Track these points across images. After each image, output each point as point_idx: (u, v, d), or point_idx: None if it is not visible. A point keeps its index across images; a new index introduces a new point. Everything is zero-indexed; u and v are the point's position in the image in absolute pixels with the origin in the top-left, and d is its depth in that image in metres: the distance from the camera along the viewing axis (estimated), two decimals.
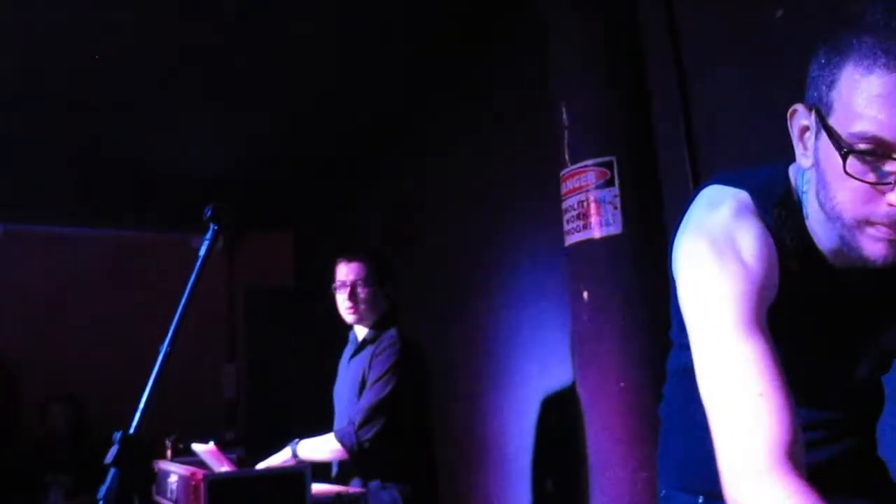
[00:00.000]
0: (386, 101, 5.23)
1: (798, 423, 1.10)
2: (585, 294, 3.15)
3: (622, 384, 2.95)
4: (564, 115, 3.32)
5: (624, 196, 3.08)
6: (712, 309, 1.19)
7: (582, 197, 3.16)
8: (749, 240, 1.23)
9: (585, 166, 3.18)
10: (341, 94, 5.08)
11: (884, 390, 1.52)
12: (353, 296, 3.45)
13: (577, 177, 3.20)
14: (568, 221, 3.24)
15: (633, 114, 3.27)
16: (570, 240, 3.23)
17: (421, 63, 4.77)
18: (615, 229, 3.07)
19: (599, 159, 3.15)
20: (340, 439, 3.18)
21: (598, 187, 3.13)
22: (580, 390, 3.19)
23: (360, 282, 3.46)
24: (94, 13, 3.90)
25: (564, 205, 3.26)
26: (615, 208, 3.08)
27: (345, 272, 3.49)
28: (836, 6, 2.38)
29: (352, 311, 3.46)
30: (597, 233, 3.11)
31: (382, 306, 3.51)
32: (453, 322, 4.91)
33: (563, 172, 3.29)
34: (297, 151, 5.99)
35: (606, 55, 3.31)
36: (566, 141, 3.30)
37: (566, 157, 3.28)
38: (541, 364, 4.06)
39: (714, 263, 1.21)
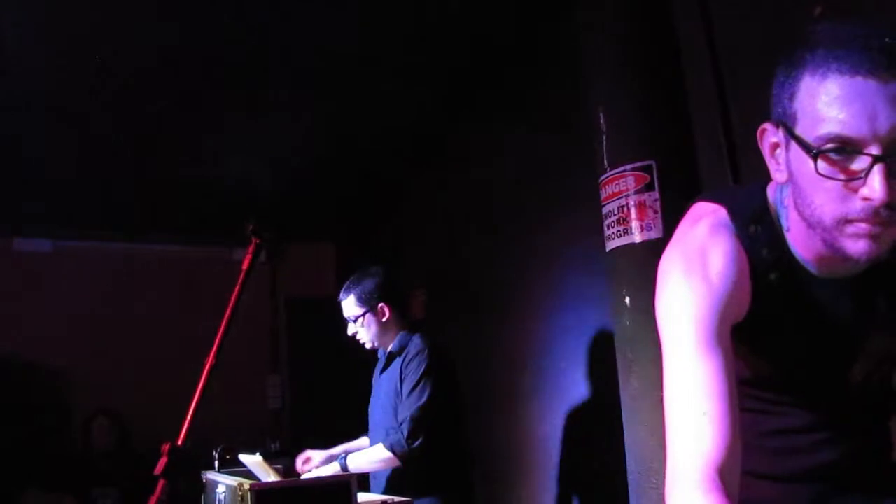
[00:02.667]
0: (426, 112, 5.23)
1: (737, 443, 1.17)
2: (627, 299, 3.13)
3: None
4: (602, 120, 3.30)
5: (664, 200, 3.06)
6: (673, 326, 1.28)
7: (622, 202, 3.14)
8: (719, 257, 1.30)
9: (624, 171, 3.16)
10: (382, 105, 5.10)
11: None
12: (356, 331, 3.56)
13: (616, 182, 3.18)
14: (608, 227, 3.22)
15: (672, 117, 3.24)
16: (611, 245, 3.21)
17: (459, 73, 4.77)
18: (656, 234, 3.05)
19: (638, 163, 3.13)
20: (391, 447, 3.21)
21: (637, 192, 3.11)
22: (623, 396, 3.17)
23: (352, 318, 3.55)
24: (141, 26, 3.95)
25: (604, 210, 3.25)
26: (655, 212, 3.06)
27: (344, 308, 3.58)
28: (874, 4, 2.36)
29: (363, 343, 3.58)
30: (637, 237, 3.10)
31: (393, 324, 3.54)
32: (495, 329, 4.90)
33: (602, 177, 3.28)
34: (339, 163, 6.02)
35: (643, 58, 3.29)
36: (605, 146, 3.28)
37: (605, 162, 3.27)
38: (583, 370, 4.05)
39: (680, 281, 1.29)
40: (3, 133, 4.84)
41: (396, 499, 3.02)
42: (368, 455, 3.31)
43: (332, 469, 3.29)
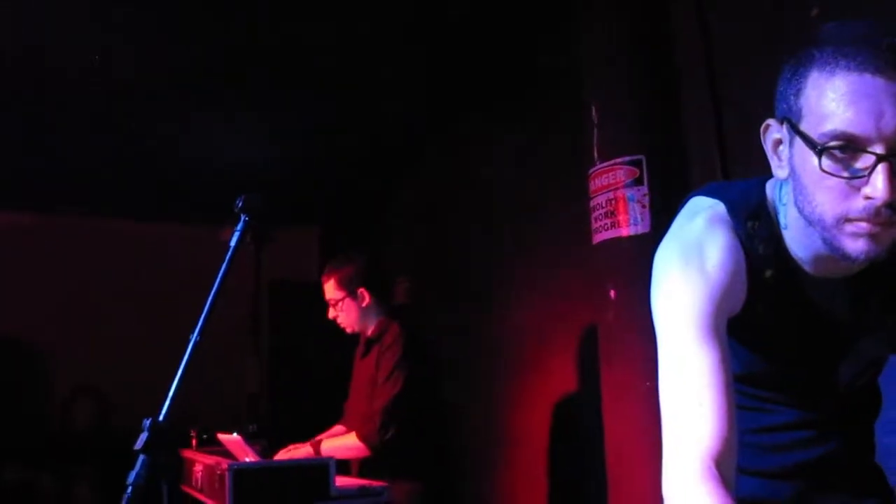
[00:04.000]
0: (416, 100, 5.22)
1: (734, 434, 1.17)
2: (612, 292, 3.14)
3: (648, 383, 2.94)
4: (594, 114, 3.31)
5: (653, 195, 3.07)
6: (670, 318, 1.27)
7: (610, 195, 3.15)
8: (715, 250, 1.29)
9: (615, 164, 3.17)
10: (373, 91, 5.08)
11: (880, 394, 1.55)
12: (336, 315, 3.53)
13: (605, 175, 3.19)
14: (596, 219, 3.23)
15: (664, 112, 3.25)
16: (598, 238, 3.22)
17: (450, 63, 4.76)
18: (643, 228, 3.06)
19: (629, 157, 3.14)
20: (364, 438, 3.22)
21: (626, 186, 3.11)
22: (605, 389, 3.19)
23: (331, 301, 3.52)
24: (132, 7, 3.93)
25: (592, 203, 3.26)
26: (644, 207, 3.07)
27: (325, 291, 3.55)
28: (870, 4, 2.37)
29: (341, 327, 3.55)
30: (625, 231, 3.11)
31: (374, 309, 3.52)
32: (479, 319, 4.91)
33: (591, 170, 3.28)
34: (325, 147, 6.00)
35: (637, 54, 3.30)
36: (595, 139, 3.29)
37: (595, 155, 3.27)
38: (566, 362, 4.06)
39: (677, 274, 1.28)
40: None
41: (374, 483, 3.03)
42: (341, 442, 3.32)
43: (305, 453, 3.30)
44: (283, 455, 3.38)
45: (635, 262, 3.03)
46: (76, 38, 4.17)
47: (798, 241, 1.30)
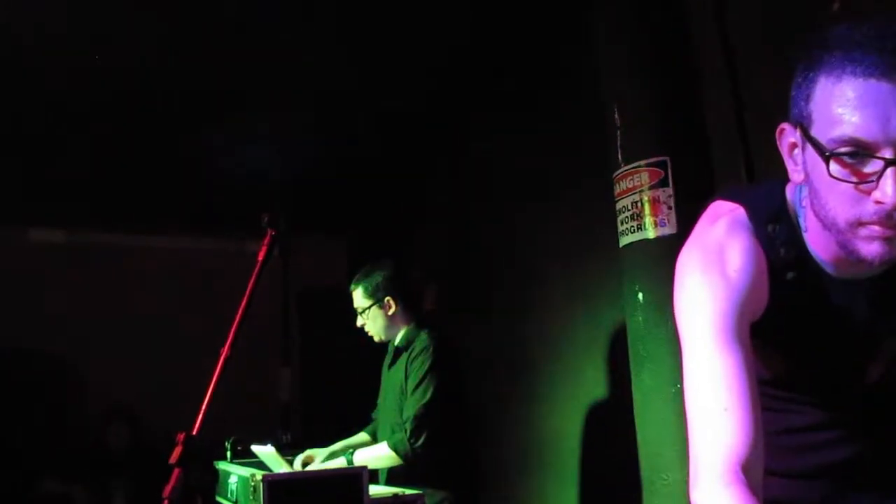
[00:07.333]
0: (440, 106, 5.23)
1: (760, 438, 1.17)
2: (640, 295, 3.13)
3: (677, 385, 2.92)
4: (617, 116, 3.30)
5: (678, 196, 3.06)
6: (692, 323, 1.28)
7: (636, 198, 3.14)
8: (736, 254, 1.30)
9: (639, 167, 3.16)
10: (395, 99, 5.10)
11: None
12: (364, 322, 3.56)
13: (630, 177, 3.18)
14: (622, 222, 3.22)
15: (687, 113, 3.24)
16: (625, 240, 3.21)
17: (472, 69, 4.76)
18: (670, 230, 3.05)
19: (653, 159, 3.13)
20: (394, 447, 3.22)
21: (651, 187, 3.10)
22: (634, 392, 3.17)
23: (361, 308, 3.55)
24: (153, 19, 3.97)
25: (618, 205, 3.25)
26: (669, 208, 3.06)
27: (353, 299, 3.58)
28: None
29: (370, 335, 3.58)
30: (651, 233, 3.10)
31: (401, 317, 3.54)
32: (508, 323, 4.90)
33: (616, 173, 3.27)
34: (351, 156, 6.03)
35: (658, 54, 3.28)
36: (619, 141, 3.28)
37: (619, 157, 3.26)
38: (595, 366, 4.04)
39: (699, 278, 1.30)
40: (20, 126, 4.88)
41: (408, 492, 3.03)
42: (373, 452, 3.33)
43: (339, 464, 3.32)
44: (303, 464, 3.40)
45: (663, 264, 3.01)
46: (101, 52, 4.21)
47: (818, 243, 1.31)
